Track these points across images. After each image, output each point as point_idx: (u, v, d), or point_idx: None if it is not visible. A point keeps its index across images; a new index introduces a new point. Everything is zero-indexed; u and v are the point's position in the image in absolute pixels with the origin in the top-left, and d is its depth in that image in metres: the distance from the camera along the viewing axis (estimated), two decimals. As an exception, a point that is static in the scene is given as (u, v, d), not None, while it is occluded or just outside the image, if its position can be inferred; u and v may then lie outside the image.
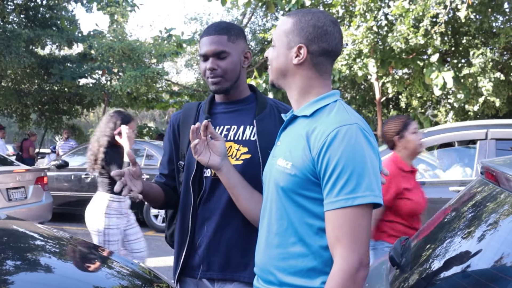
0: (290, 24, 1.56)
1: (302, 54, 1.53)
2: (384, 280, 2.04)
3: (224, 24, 1.98)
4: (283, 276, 1.50)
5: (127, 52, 14.62)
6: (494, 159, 1.99)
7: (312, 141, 1.44)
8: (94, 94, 15.26)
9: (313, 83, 1.55)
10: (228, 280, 1.93)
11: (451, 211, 1.97)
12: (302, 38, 1.53)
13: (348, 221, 1.36)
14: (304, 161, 1.44)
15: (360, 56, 11.31)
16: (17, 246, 2.39)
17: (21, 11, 16.40)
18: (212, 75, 1.92)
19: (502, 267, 1.39)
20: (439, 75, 10.64)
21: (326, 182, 1.40)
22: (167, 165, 2.09)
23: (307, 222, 1.46)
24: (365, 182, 1.36)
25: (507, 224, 1.50)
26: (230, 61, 1.93)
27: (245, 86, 2.04)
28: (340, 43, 1.56)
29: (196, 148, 1.82)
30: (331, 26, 1.53)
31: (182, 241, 1.97)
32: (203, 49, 1.93)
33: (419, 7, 10.32)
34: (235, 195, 1.83)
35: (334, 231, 1.38)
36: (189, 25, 34.92)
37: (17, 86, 17.41)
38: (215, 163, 1.82)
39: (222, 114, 2.01)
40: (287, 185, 1.48)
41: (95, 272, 2.33)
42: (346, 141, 1.38)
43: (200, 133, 1.83)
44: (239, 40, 1.96)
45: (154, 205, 2.04)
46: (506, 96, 12.60)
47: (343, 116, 1.45)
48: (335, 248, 1.38)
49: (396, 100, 17.93)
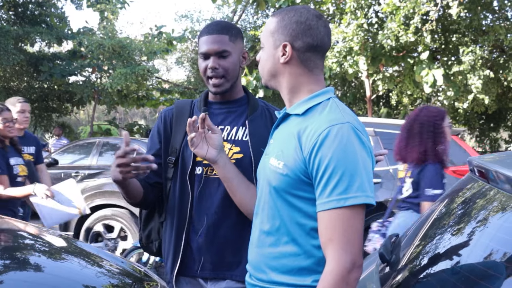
0: (274, 23, 1.54)
1: (287, 52, 1.51)
2: (374, 277, 2.04)
3: (225, 24, 1.99)
4: (275, 275, 1.49)
5: (117, 49, 14.53)
6: (484, 156, 2.00)
7: (304, 140, 1.42)
8: (84, 92, 15.16)
9: (303, 80, 1.53)
10: (220, 278, 1.94)
11: (440, 208, 1.98)
12: (286, 36, 1.51)
13: (340, 221, 1.34)
14: (296, 161, 1.43)
15: (351, 54, 11.32)
16: (6, 245, 2.37)
17: (10, 8, 16.23)
18: (214, 74, 1.92)
19: (491, 264, 1.40)
20: (429, 73, 10.67)
21: (318, 183, 1.39)
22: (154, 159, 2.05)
23: (299, 222, 1.45)
24: (357, 182, 1.35)
25: (496, 221, 1.51)
26: (231, 61, 1.94)
27: (240, 87, 2.05)
28: (326, 37, 1.53)
29: (193, 141, 1.82)
30: (314, 20, 1.51)
31: (177, 239, 1.95)
32: (204, 47, 1.93)
33: (409, 4, 10.34)
34: (230, 188, 1.84)
35: (326, 232, 1.37)
36: (180, 23, 34.85)
37: (6, 84, 17.24)
38: (212, 155, 1.82)
39: (215, 114, 2.00)
40: (279, 185, 1.47)
41: (85, 270, 2.32)
42: (338, 140, 1.36)
43: (197, 125, 1.83)
44: (239, 40, 1.97)
45: (131, 200, 1.96)
46: (495, 93, 12.67)
47: (335, 115, 1.43)
48: (327, 248, 1.36)
49: (386, 97, 17.97)
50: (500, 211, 1.53)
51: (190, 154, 1.95)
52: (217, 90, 1.94)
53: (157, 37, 16.39)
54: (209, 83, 1.95)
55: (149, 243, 2.12)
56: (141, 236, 2.14)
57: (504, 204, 1.51)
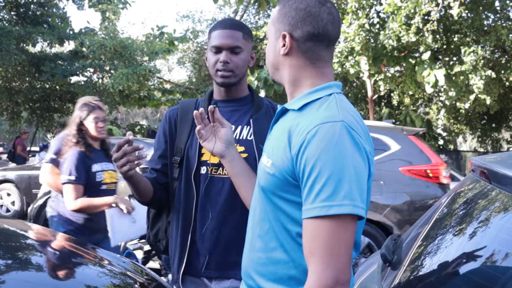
0: (276, 12, 1.43)
1: (286, 42, 1.38)
2: (376, 277, 2.04)
3: (239, 22, 2.01)
4: (262, 281, 1.39)
5: (119, 49, 14.56)
6: (485, 156, 2.00)
7: (293, 139, 1.29)
8: (86, 92, 15.16)
9: (305, 72, 1.40)
10: (224, 277, 1.94)
11: (442, 209, 1.98)
12: (285, 24, 1.38)
13: (323, 232, 1.19)
14: (284, 161, 1.30)
15: (352, 54, 11.33)
16: (7, 245, 2.37)
17: (12, 8, 16.26)
18: (224, 68, 1.92)
19: (493, 264, 1.39)
20: (430, 73, 10.68)
21: (304, 186, 1.24)
22: (159, 160, 2.06)
23: (286, 227, 1.33)
24: (344, 189, 1.18)
25: (498, 221, 1.51)
26: (242, 58, 1.95)
27: (246, 86, 2.06)
28: (330, 25, 1.37)
29: (201, 133, 1.81)
30: (316, 6, 1.36)
31: (183, 239, 1.96)
32: (217, 41, 1.93)
33: (411, 5, 10.35)
34: (236, 184, 1.82)
35: (308, 242, 1.22)
36: (181, 23, 34.91)
37: (7, 84, 17.28)
38: (219, 150, 1.81)
39: (220, 112, 2.00)
40: (266, 185, 1.37)
41: (86, 270, 2.32)
42: (327, 140, 1.21)
43: (206, 118, 1.83)
44: (250, 40, 2.00)
45: (142, 198, 1.96)
46: (496, 93, 12.68)
47: (330, 112, 1.28)
48: (309, 261, 1.21)
49: (388, 97, 17.99)
50: (502, 212, 1.52)
51: (194, 154, 1.95)
52: (224, 81, 1.95)
53: (158, 37, 16.42)
54: (217, 75, 1.95)
55: (156, 241, 2.13)
56: (149, 234, 2.15)
57: (506, 205, 1.50)
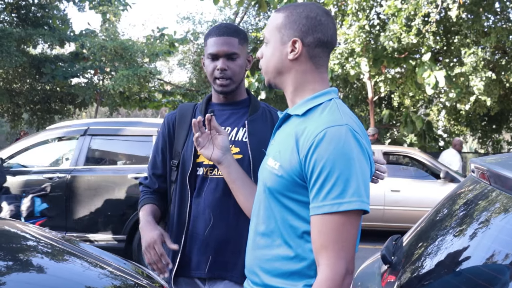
0: (281, 18, 1.50)
1: (297, 48, 1.47)
2: (376, 278, 2.04)
3: (234, 27, 2.02)
4: (267, 277, 1.47)
5: (120, 51, 14.58)
6: (486, 158, 2.00)
7: (301, 142, 1.39)
8: (87, 94, 15.20)
9: (309, 77, 1.49)
10: (217, 278, 1.95)
11: (442, 209, 1.98)
12: (295, 31, 1.47)
13: (334, 227, 1.31)
14: (292, 163, 1.40)
15: (353, 55, 11.33)
16: (8, 247, 2.38)
17: (12, 10, 16.29)
18: (222, 75, 1.94)
19: (493, 265, 1.40)
20: (431, 74, 10.67)
21: (313, 186, 1.35)
22: (161, 165, 2.08)
23: (292, 225, 1.43)
24: (352, 187, 1.30)
25: (498, 222, 1.51)
26: (239, 64, 1.97)
27: (244, 90, 2.08)
28: (335, 34, 1.50)
29: (198, 141, 1.84)
30: (324, 16, 1.48)
31: (177, 239, 1.97)
32: (214, 48, 1.95)
33: (411, 6, 10.35)
34: (234, 189, 1.84)
35: (320, 238, 1.33)
36: (182, 24, 34.81)
37: (8, 86, 17.30)
38: (217, 156, 1.83)
39: (218, 115, 2.02)
40: (274, 186, 1.45)
41: (87, 272, 2.32)
42: (334, 143, 1.32)
43: (203, 126, 1.85)
44: (246, 44, 2.01)
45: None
46: (497, 95, 12.66)
47: (334, 116, 1.39)
48: (320, 254, 1.33)
49: (388, 99, 17.98)
50: (502, 213, 1.53)
51: (190, 155, 1.97)
52: (223, 89, 1.97)
53: (159, 39, 16.44)
54: (215, 83, 1.97)
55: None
56: None
57: (506, 206, 1.51)
